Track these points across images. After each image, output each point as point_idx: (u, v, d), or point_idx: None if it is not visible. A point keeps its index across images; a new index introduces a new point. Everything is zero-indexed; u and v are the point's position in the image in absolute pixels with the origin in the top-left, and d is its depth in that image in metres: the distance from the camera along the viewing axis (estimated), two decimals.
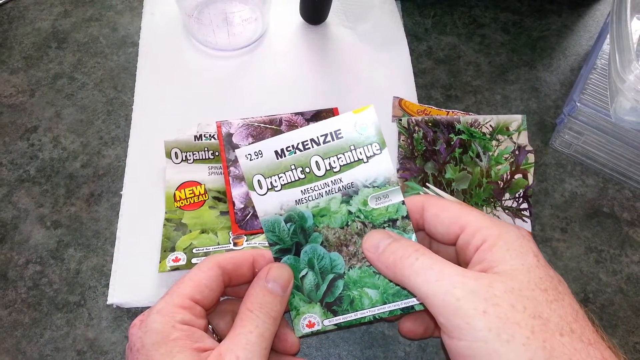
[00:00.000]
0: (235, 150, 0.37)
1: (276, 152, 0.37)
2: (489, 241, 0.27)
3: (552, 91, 0.57)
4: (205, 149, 0.48)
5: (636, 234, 0.48)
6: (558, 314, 0.25)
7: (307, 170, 0.36)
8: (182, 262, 0.42)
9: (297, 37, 0.59)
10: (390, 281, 0.33)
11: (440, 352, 0.42)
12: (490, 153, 0.48)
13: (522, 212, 0.47)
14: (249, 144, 0.43)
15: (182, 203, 0.46)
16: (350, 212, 0.36)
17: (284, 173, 0.37)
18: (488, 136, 0.49)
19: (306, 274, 0.36)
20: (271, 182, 0.37)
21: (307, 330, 0.36)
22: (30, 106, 0.53)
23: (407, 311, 0.34)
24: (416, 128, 0.49)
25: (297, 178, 0.37)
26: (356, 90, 0.55)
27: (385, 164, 0.36)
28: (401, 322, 0.36)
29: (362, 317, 0.35)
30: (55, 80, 0.55)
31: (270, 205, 0.37)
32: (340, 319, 0.36)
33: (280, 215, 0.37)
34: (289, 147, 0.36)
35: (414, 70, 0.57)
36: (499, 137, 0.49)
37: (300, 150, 0.37)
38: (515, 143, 0.49)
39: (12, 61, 0.56)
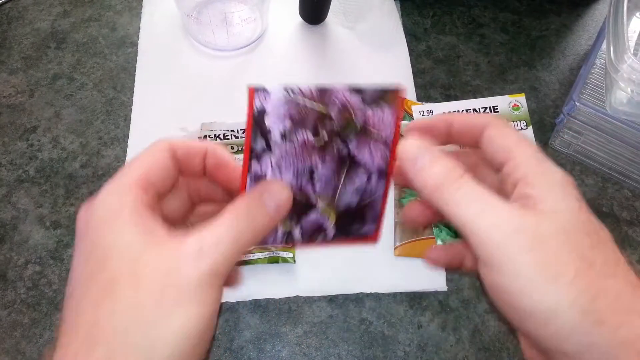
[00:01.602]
0: (412, 107, 0.49)
1: (444, 113, 0.47)
2: (530, 177, 0.27)
3: (551, 91, 0.57)
4: None
5: (635, 234, 0.48)
6: (602, 257, 0.25)
7: None
8: None
9: (296, 37, 0.59)
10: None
11: (440, 351, 0.42)
12: None
13: None
14: (284, 129, 0.33)
15: None
16: None
17: None
18: None
19: None
20: None
21: None
22: (30, 106, 0.53)
23: None
24: None
25: None
26: None
27: (529, 138, 0.44)
28: (429, 249, 0.35)
29: None
30: (54, 81, 0.55)
31: None
32: None
33: None
34: (455, 111, 0.48)
35: (413, 70, 0.57)
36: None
37: None
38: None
39: (12, 61, 0.56)
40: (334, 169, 0.35)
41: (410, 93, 0.54)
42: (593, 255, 0.25)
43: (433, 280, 0.45)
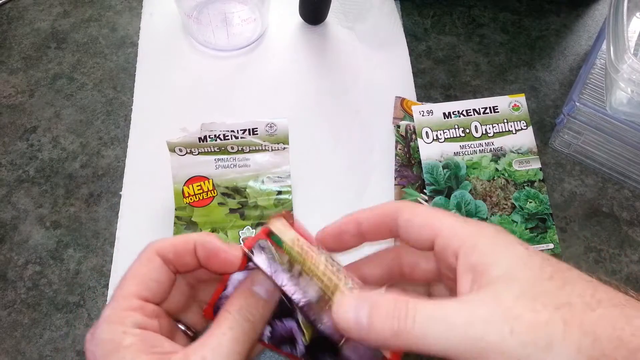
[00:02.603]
0: (412, 107, 0.48)
1: (444, 113, 0.47)
2: (468, 242, 0.26)
3: (551, 91, 0.57)
4: (210, 147, 0.47)
5: (635, 234, 0.48)
6: (576, 291, 0.23)
7: (467, 131, 0.47)
8: None
9: (297, 37, 0.59)
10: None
11: None
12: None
13: None
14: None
15: (191, 199, 0.45)
16: (497, 170, 0.46)
17: (448, 130, 0.47)
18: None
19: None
20: (437, 135, 0.47)
21: None
22: (30, 106, 0.53)
23: None
24: (413, 136, 0.49)
25: (458, 135, 0.47)
26: (355, 90, 0.55)
27: (529, 138, 0.47)
28: None
29: None
30: (54, 81, 0.55)
31: (432, 152, 0.47)
32: None
33: (440, 161, 0.46)
34: (456, 111, 0.47)
35: (413, 70, 0.57)
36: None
37: (464, 116, 0.47)
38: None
39: (12, 61, 0.56)
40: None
41: (410, 93, 0.54)
42: (567, 294, 0.23)
43: None
